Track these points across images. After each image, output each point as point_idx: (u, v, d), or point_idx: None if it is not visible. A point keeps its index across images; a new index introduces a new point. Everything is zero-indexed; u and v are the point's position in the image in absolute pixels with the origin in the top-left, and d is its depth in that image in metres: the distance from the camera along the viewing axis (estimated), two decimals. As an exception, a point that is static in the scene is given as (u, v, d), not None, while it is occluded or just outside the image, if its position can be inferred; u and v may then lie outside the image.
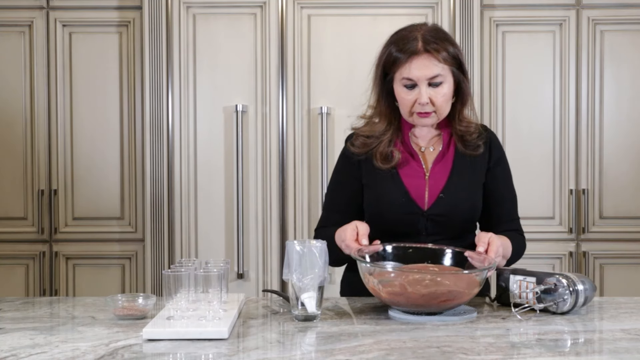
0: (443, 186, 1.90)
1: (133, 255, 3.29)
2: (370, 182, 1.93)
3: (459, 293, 1.58)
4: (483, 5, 3.23)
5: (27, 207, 3.30)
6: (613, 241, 3.29)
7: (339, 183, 2.00)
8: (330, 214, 2.00)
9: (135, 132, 3.27)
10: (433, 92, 1.85)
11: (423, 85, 1.84)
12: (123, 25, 3.27)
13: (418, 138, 1.96)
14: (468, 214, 1.93)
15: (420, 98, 1.84)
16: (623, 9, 3.26)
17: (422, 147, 1.95)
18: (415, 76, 1.84)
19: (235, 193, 3.14)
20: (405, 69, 1.84)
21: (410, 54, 1.84)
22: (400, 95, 1.88)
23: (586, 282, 1.65)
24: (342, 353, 1.34)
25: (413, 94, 1.85)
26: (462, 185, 1.91)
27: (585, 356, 1.34)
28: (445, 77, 1.85)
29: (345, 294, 2.01)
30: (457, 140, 1.94)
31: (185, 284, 1.56)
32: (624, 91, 3.28)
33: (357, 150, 1.94)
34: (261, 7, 3.14)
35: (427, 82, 1.84)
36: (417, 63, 1.84)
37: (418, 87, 1.84)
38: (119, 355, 1.34)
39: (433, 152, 1.95)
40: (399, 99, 1.89)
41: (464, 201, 1.90)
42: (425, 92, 1.84)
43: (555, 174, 3.28)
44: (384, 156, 1.91)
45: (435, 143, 1.95)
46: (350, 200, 1.97)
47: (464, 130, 1.92)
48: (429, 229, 1.89)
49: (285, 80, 3.14)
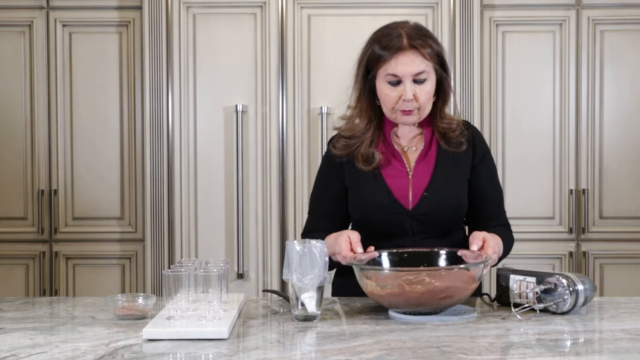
0: (427, 185, 1.89)
1: (133, 255, 3.29)
2: (354, 184, 1.93)
3: (457, 289, 1.58)
4: (483, 5, 3.23)
5: (27, 207, 3.30)
6: (613, 241, 3.29)
7: (323, 186, 1.99)
8: (316, 219, 1.99)
9: (135, 132, 3.27)
10: (417, 89, 1.84)
11: (408, 81, 1.84)
12: (123, 25, 3.27)
13: (400, 138, 1.95)
14: (453, 211, 1.92)
15: (405, 94, 1.83)
16: (623, 9, 3.26)
17: (404, 147, 1.95)
18: (400, 72, 1.83)
19: (235, 193, 3.14)
20: (390, 66, 1.84)
21: (396, 50, 1.84)
22: (384, 91, 1.87)
23: (586, 282, 1.65)
24: (342, 353, 1.34)
25: (397, 90, 1.85)
26: (446, 183, 1.90)
27: (585, 356, 1.34)
28: (429, 74, 1.85)
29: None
30: (439, 138, 1.93)
31: (185, 284, 1.56)
32: (624, 91, 3.28)
33: (339, 152, 1.94)
34: (261, 7, 3.14)
35: (412, 78, 1.84)
36: (403, 59, 1.83)
37: (402, 84, 1.84)
38: (119, 355, 1.34)
39: (415, 151, 1.94)
40: (382, 96, 1.89)
41: (449, 198, 1.90)
42: (410, 88, 1.83)
43: (555, 174, 3.28)
44: (365, 157, 1.90)
45: (417, 142, 1.95)
46: (335, 204, 1.97)
47: (445, 127, 1.93)
48: (414, 229, 1.89)
49: (285, 80, 3.14)
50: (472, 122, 3.12)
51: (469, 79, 3.12)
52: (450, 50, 3.12)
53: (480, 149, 1.97)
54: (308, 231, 2.00)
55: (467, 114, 3.12)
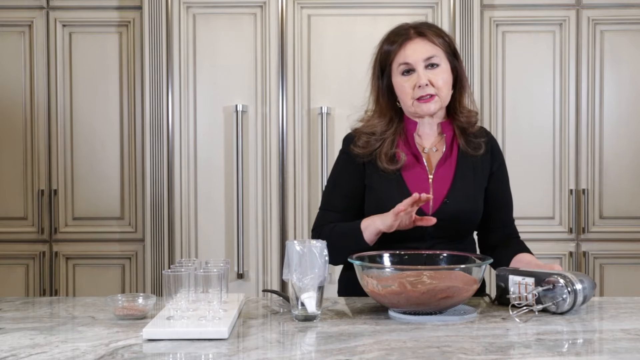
0: (447, 191, 1.90)
1: (133, 255, 3.29)
2: (374, 184, 1.92)
3: (458, 289, 1.58)
4: (483, 5, 3.23)
5: (27, 207, 3.30)
6: (613, 241, 3.29)
7: (339, 183, 1.98)
8: (328, 214, 1.98)
9: (135, 132, 3.27)
10: (431, 75, 1.86)
11: (420, 67, 1.85)
12: (123, 25, 3.27)
13: (422, 138, 1.95)
14: (471, 218, 1.93)
15: (419, 80, 1.85)
16: (623, 9, 3.26)
17: (425, 148, 1.95)
18: (411, 59, 1.85)
19: (235, 193, 3.14)
20: (400, 56, 1.87)
21: (404, 40, 1.87)
22: (400, 84, 1.88)
23: (585, 281, 1.65)
24: (342, 353, 1.34)
25: (412, 79, 1.86)
26: (466, 190, 1.91)
27: (585, 356, 1.34)
28: (440, 59, 1.87)
29: (343, 294, 2.01)
30: (459, 135, 1.94)
31: (185, 284, 1.56)
32: (624, 91, 3.28)
33: (361, 151, 1.93)
34: (261, 7, 3.14)
35: (424, 64, 1.85)
36: (412, 46, 1.87)
37: (416, 72, 1.85)
38: (119, 355, 1.34)
39: (436, 152, 1.94)
40: (398, 90, 1.89)
41: (467, 205, 1.90)
42: (423, 73, 1.85)
43: (555, 174, 3.28)
44: (390, 157, 1.90)
45: (438, 144, 1.95)
46: (351, 200, 1.96)
47: (465, 120, 1.93)
48: (432, 233, 1.89)
49: (285, 80, 3.14)
50: (472, 122, 3.13)
51: (469, 79, 3.12)
52: (450, 50, 3.12)
53: (498, 157, 1.98)
54: (320, 225, 1.98)
55: (467, 114, 3.12)
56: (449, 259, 1.77)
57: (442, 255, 1.78)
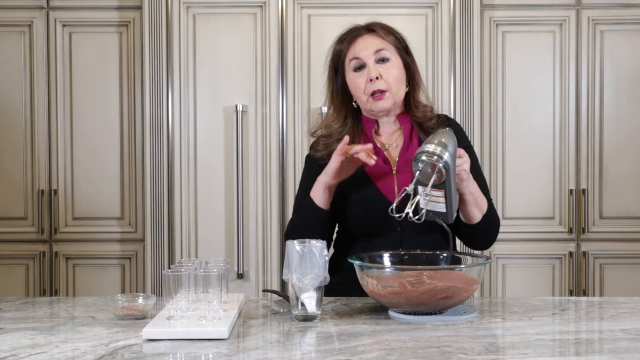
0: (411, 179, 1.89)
1: (133, 255, 3.29)
2: (339, 183, 1.93)
3: (458, 289, 1.58)
4: (483, 5, 3.23)
5: (27, 207, 3.30)
6: (613, 241, 3.29)
7: (307, 188, 1.96)
8: None
9: (135, 132, 3.27)
10: (382, 69, 1.88)
11: (370, 60, 1.88)
12: (123, 25, 3.27)
13: (381, 136, 1.97)
14: None
15: (370, 73, 1.87)
16: (623, 9, 3.26)
17: (385, 145, 1.96)
18: (361, 54, 1.88)
19: (235, 193, 3.14)
20: (350, 52, 1.90)
21: (353, 37, 1.91)
22: (353, 80, 1.91)
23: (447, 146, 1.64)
24: (342, 353, 1.34)
25: (363, 75, 1.89)
26: None
27: (585, 356, 1.34)
28: (391, 54, 1.89)
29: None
30: (417, 129, 1.95)
31: (185, 284, 1.56)
32: (624, 91, 3.28)
33: (320, 154, 1.95)
34: (261, 7, 3.14)
35: (374, 57, 1.88)
36: (361, 42, 1.90)
37: (367, 67, 1.87)
38: (119, 355, 1.34)
39: (396, 147, 1.96)
40: (352, 87, 1.92)
41: None
42: (374, 67, 1.88)
43: (555, 174, 3.28)
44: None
45: (397, 138, 1.97)
46: None
47: (421, 115, 1.95)
48: (402, 223, 1.87)
49: (285, 80, 3.14)
50: (472, 122, 3.13)
51: (469, 79, 3.12)
52: (450, 50, 3.12)
53: (463, 141, 1.95)
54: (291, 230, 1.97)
55: (467, 114, 3.12)
56: (449, 259, 1.77)
57: (442, 255, 1.79)
